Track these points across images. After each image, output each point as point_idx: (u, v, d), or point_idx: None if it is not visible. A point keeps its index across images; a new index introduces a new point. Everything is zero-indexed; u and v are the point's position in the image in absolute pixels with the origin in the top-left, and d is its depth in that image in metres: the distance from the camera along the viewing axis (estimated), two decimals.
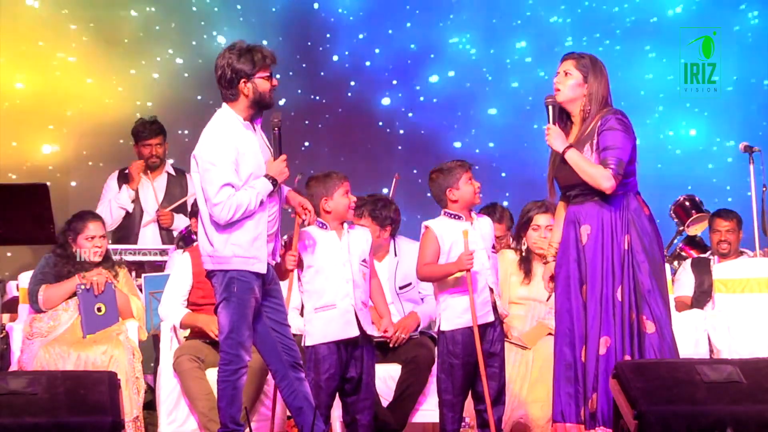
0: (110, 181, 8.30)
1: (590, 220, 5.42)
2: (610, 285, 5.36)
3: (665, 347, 5.31)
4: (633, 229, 5.38)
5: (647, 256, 5.37)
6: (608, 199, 5.40)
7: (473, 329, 5.61)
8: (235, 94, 5.39)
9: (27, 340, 6.59)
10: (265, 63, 5.40)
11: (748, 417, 4.75)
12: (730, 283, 7.24)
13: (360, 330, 5.67)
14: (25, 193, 6.07)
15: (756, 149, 7.80)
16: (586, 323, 5.37)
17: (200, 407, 6.22)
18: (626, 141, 5.37)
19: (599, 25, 9.92)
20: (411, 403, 6.38)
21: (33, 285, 6.72)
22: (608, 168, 5.33)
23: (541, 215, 6.57)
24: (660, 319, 5.33)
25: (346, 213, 5.78)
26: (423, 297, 6.70)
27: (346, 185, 5.78)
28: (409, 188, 8.92)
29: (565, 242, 5.50)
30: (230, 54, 5.38)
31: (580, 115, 5.51)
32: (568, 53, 5.57)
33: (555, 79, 5.54)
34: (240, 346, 5.33)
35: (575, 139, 5.47)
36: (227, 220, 5.28)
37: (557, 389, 5.46)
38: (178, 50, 9.63)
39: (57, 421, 4.62)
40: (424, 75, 9.94)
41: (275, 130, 5.49)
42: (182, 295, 6.53)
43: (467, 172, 5.75)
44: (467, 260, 5.61)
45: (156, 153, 8.19)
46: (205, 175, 5.31)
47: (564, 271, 5.48)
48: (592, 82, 5.47)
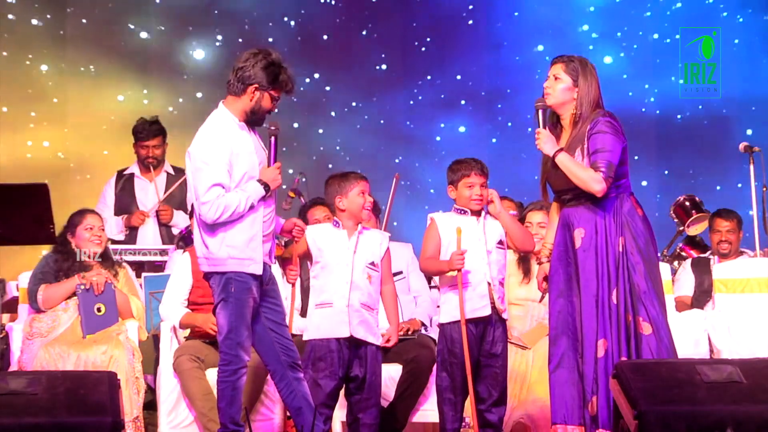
0: (107, 188, 8.26)
1: (584, 224, 5.41)
2: (606, 288, 5.35)
3: (662, 348, 5.31)
4: (627, 230, 5.37)
5: (642, 257, 5.36)
6: (601, 202, 5.39)
7: (461, 326, 5.62)
8: (241, 91, 5.38)
9: (27, 340, 6.59)
10: (284, 87, 5.41)
11: (748, 417, 4.75)
12: (730, 283, 7.24)
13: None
14: (25, 193, 6.06)
15: (756, 149, 7.80)
16: (582, 326, 5.37)
17: (200, 407, 6.22)
18: (615, 143, 5.36)
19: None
20: (411, 403, 6.38)
21: (32, 285, 6.72)
22: (598, 171, 5.32)
23: (536, 212, 6.59)
24: (656, 320, 5.32)
25: (360, 212, 5.78)
26: (415, 297, 6.74)
27: (363, 185, 5.78)
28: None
29: (558, 245, 5.50)
30: (263, 58, 5.37)
31: (570, 119, 5.50)
32: (557, 57, 5.55)
33: (545, 83, 5.53)
34: (239, 346, 5.33)
35: (566, 144, 5.47)
36: (214, 220, 5.28)
37: (558, 392, 5.45)
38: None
39: (57, 421, 4.61)
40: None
41: (272, 138, 5.51)
42: (183, 295, 6.53)
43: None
44: (457, 260, 5.63)
45: (153, 154, 8.15)
46: (196, 173, 5.32)
47: (558, 274, 5.47)
48: (582, 86, 5.46)
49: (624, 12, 10.14)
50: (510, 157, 9.62)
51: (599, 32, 10.17)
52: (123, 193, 8.22)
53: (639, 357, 5.28)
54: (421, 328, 6.63)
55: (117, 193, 8.22)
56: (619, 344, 5.30)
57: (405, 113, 10.13)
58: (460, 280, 5.65)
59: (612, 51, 10.08)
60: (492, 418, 5.72)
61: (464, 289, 5.66)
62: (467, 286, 5.67)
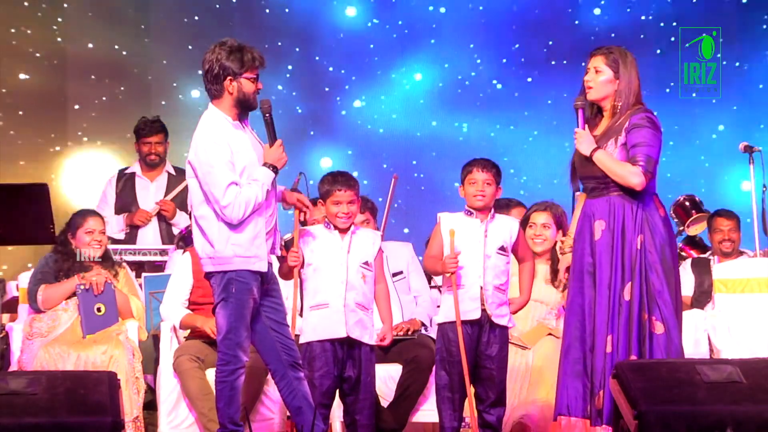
0: (108, 188, 8.26)
1: (604, 216, 5.41)
2: (618, 283, 5.36)
3: (672, 349, 5.32)
4: (647, 228, 5.37)
5: (659, 257, 5.35)
6: (624, 197, 5.38)
7: (457, 327, 5.61)
8: (220, 91, 5.36)
9: (27, 340, 6.59)
10: (253, 64, 5.36)
11: (748, 417, 4.75)
12: (730, 283, 7.24)
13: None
14: (25, 193, 6.07)
15: (756, 149, 7.80)
16: (595, 319, 5.37)
17: (200, 407, 6.22)
18: (655, 139, 5.35)
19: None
20: (411, 403, 6.38)
21: (32, 285, 6.72)
22: (637, 165, 5.31)
23: (540, 213, 6.58)
24: (669, 320, 5.32)
25: (333, 221, 5.74)
26: (415, 297, 6.75)
27: (339, 195, 5.71)
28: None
29: (580, 235, 5.49)
30: (220, 50, 5.34)
31: (611, 110, 5.47)
32: (596, 49, 5.51)
33: (585, 77, 5.49)
34: (237, 346, 5.33)
35: (602, 132, 5.45)
36: (240, 219, 5.27)
37: (564, 383, 5.46)
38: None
39: (57, 421, 4.61)
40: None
41: (266, 115, 5.45)
42: (183, 295, 6.53)
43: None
44: (449, 262, 5.62)
45: (155, 151, 8.18)
46: (206, 178, 5.28)
47: (578, 264, 5.47)
48: (623, 76, 5.42)
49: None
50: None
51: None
52: (124, 193, 8.23)
53: (651, 356, 5.29)
54: (421, 328, 6.63)
55: (118, 193, 8.23)
56: (626, 341, 5.31)
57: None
58: (455, 282, 5.64)
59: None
60: (490, 418, 5.71)
61: (458, 290, 5.64)
62: (460, 287, 5.66)
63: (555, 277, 6.48)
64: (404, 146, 9.85)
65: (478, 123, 9.88)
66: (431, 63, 9.92)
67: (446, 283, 5.75)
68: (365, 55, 9.90)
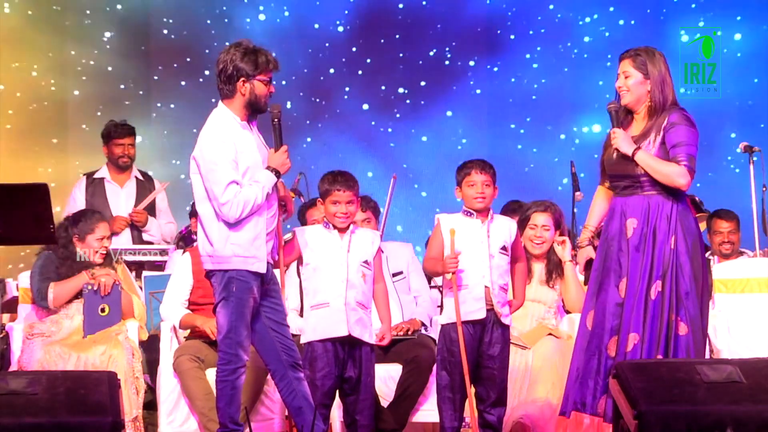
0: (77, 192, 8.17)
1: (637, 214, 5.41)
2: (646, 282, 5.35)
3: (692, 351, 5.32)
4: (680, 229, 5.37)
5: (689, 257, 5.36)
6: (662, 196, 5.39)
7: (458, 327, 5.61)
8: (232, 92, 5.38)
9: (27, 340, 6.59)
10: (267, 67, 5.39)
11: (748, 417, 4.75)
12: (730, 283, 7.24)
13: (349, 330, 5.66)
14: (25, 193, 6.06)
15: (756, 149, 7.80)
16: (622, 318, 5.36)
17: (200, 407, 6.22)
18: (694, 137, 5.37)
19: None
20: (411, 403, 6.37)
21: (39, 283, 6.70)
22: (681, 165, 5.32)
23: (540, 214, 6.56)
24: (694, 321, 5.33)
25: (332, 221, 5.76)
26: (415, 297, 6.75)
27: (337, 195, 5.72)
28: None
29: (609, 233, 5.48)
30: (235, 51, 5.38)
31: (645, 111, 5.48)
32: (624, 53, 5.50)
33: (617, 83, 5.50)
34: (238, 345, 5.33)
35: (641, 132, 5.44)
36: (237, 218, 5.28)
37: (575, 378, 5.45)
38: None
39: (57, 421, 4.61)
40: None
41: (275, 120, 5.49)
42: (183, 295, 6.53)
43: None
44: (449, 263, 5.63)
45: (128, 153, 8.14)
46: (209, 175, 5.31)
47: (605, 261, 5.46)
48: (654, 76, 5.43)
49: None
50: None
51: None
52: (95, 198, 8.10)
53: (675, 356, 5.29)
54: (421, 328, 6.62)
55: (88, 198, 8.13)
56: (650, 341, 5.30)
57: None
58: (455, 283, 5.64)
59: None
60: (491, 418, 5.72)
61: (459, 291, 5.64)
62: (463, 288, 5.65)
63: (549, 278, 6.49)
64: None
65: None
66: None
67: (447, 285, 5.75)
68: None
